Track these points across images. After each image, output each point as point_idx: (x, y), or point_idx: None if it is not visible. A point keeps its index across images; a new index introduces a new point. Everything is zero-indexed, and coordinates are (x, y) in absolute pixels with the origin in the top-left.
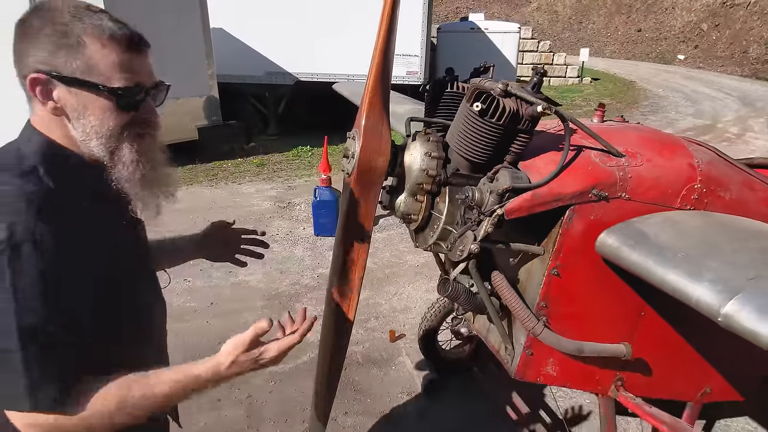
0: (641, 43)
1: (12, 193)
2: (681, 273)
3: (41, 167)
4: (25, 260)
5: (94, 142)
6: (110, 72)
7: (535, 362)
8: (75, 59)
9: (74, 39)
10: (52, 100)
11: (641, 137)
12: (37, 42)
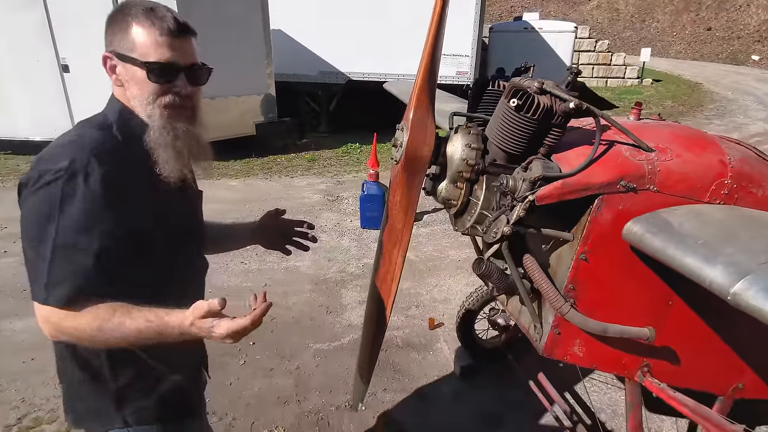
0: (711, 42)
1: (82, 138)
2: (698, 257)
3: (115, 125)
4: (75, 187)
5: (138, 108)
6: (146, 49)
7: (562, 341)
8: (125, 40)
9: (126, 25)
10: (114, 73)
11: (673, 134)
12: (109, 29)
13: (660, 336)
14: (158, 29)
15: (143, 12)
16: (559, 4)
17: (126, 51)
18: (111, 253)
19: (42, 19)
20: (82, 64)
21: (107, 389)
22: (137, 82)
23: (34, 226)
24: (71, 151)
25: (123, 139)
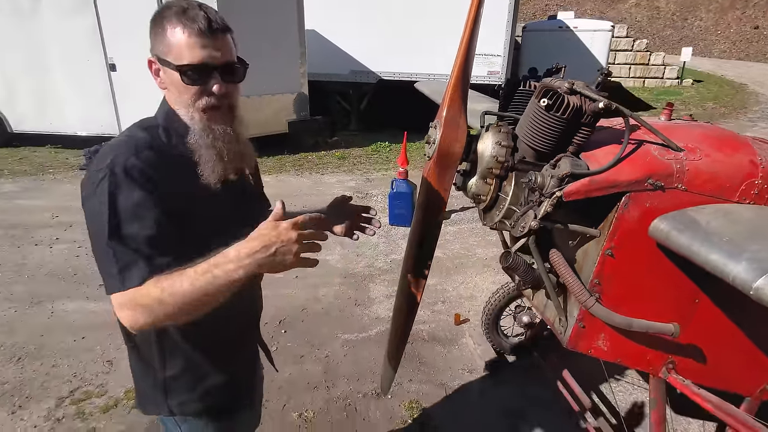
0: (758, 41)
1: (129, 138)
2: (722, 253)
3: (161, 126)
4: (118, 181)
5: (181, 111)
6: (179, 52)
7: (586, 335)
8: (162, 44)
9: (161, 28)
10: (158, 77)
11: (703, 134)
12: (151, 32)
13: (685, 333)
14: (189, 30)
15: (175, 13)
16: (595, 2)
17: (163, 54)
18: (162, 239)
19: (93, 24)
20: (128, 64)
21: (157, 378)
22: (175, 85)
23: (93, 224)
24: (116, 149)
25: (167, 140)
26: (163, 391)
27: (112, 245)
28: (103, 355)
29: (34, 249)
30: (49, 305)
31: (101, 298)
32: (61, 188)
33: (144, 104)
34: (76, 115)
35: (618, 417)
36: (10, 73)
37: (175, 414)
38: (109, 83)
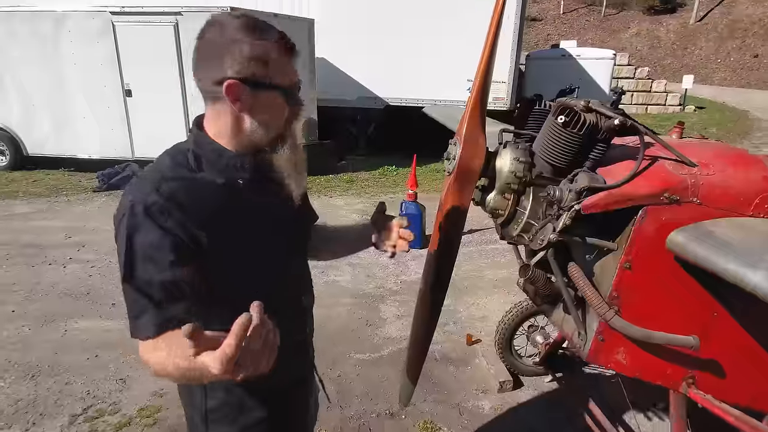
0: (758, 69)
1: (156, 166)
2: (740, 263)
3: (190, 153)
4: (137, 221)
5: (260, 133)
6: (283, 75)
7: (606, 348)
8: (261, 67)
9: (259, 51)
10: (239, 101)
11: (716, 151)
12: (231, 54)
13: (705, 347)
14: (285, 53)
15: (272, 35)
16: (596, 31)
17: (260, 77)
18: (183, 279)
19: (112, 51)
20: (142, 90)
21: (198, 408)
22: (272, 108)
23: (120, 262)
24: (139, 185)
25: (197, 165)
26: (204, 421)
27: (126, 288)
28: (116, 373)
29: (47, 268)
30: (63, 324)
31: (114, 317)
32: (74, 209)
33: (156, 129)
34: (91, 139)
35: None
36: (28, 97)
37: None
38: (125, 108)
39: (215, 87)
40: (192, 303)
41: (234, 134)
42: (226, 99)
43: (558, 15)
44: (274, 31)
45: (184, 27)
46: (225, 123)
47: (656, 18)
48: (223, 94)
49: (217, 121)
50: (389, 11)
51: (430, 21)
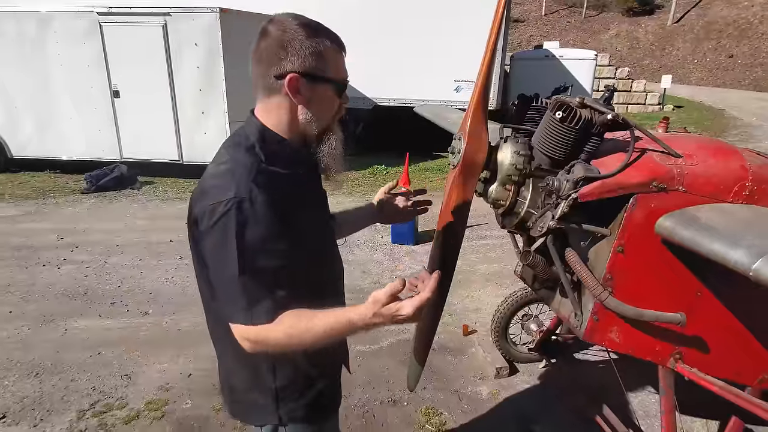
0: (733, 69)
1: (236, 164)
2: (723, 242)
3: (257, 144)
4: (245, 213)
5: (314, 125)
6: (336, 70)
7: (600, 327)
8: (321, 62)
9: (319, 48)
10: (299, 95)
11: (699, 144)
12: (292, 49)
13: (690, 325)
14: (339, 50)
15: (329, 34)
16: (577, 33)
17: (318, 71)
18: (287, 266)
19: (99, 51)
20: (130, 90)
21: (268, 389)
22: (325, 100)
23: (219, 256)
24: (231, 180)
25: (265, 158)
26: (274, 400)
27: (243, 280)
28: (120, 370)
29: (42, 269)
30: (62, 323)
31: (114, 316)
32: (63, 212)
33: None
34: (77, 140)
35: (631, 415)
36: (12, 99)
37: (284, 423)
38: (113, 109)
39: (276, 80)
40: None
41: (289, 125)
42: (287, 92)
43: (540, 16)
44: (328, 31)
45: (173, 27)
46: (281, 115)
47: (635, 19)
48: (284, 86)
49: (272, 113)
50: (378, 12)
51: (418, 22)
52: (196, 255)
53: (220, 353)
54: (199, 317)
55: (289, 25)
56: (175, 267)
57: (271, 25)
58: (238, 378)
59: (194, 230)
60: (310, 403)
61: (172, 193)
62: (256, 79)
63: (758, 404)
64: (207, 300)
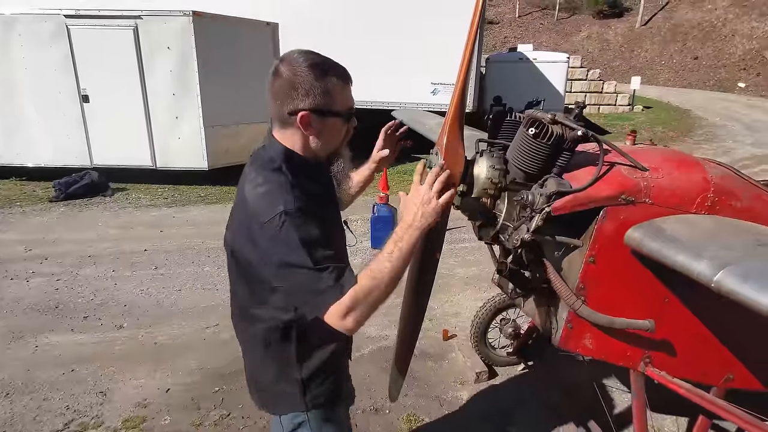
0: (698, 71)
1: (275, 184)
2: (687, 254)
3: (283, 165)
4: (299, 220)
5: (327, 149)
6: (343, 104)
7: (574, 335)
8: (328, 99)
9: (326, 87)
10: (310, 128)
11: (663, 156)
12: (302, 89)
13: (659, 330)
14: (345, 85)
15: (336, 71)
16: (550, 35)
17: (326, 107)
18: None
19: (66, 54)
20: (100, 95)
21: (296, 380)
22: (335, 130)
23: (291, 258)
24: (278, 196)
25: (291, 175)
26: (301, 390)
27: (320, 268)
28: (95, 387)
29: (9, 283)
30: (33, 339)
31: (88, 330)
32: (30, 221)
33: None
34: (45, 146)
35: (604, 415)
36: None
37: (309, 409)
38: (82, 114)
39: (289, 116)
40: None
41: (303, 150)
42: (299, 126)
43: (514, 18)
44: (335, 67)
45: (144, 30)
46: (295, 141)
47: (605, 22)
48: (297, 122)
49: (287, 140)
50: (352, 15)
51: (393, 25)
52: (246, 268)
53: (249, 352)
54: (176, 330)
55: (300, 68)
56: (151, 278)
57: (283, 65)
58: (268, 373)
59: (246, 247)
60: (329, 391)
61: (146, 200)
62: (272, 112)
63: (720, 405)
64: (243, 304)
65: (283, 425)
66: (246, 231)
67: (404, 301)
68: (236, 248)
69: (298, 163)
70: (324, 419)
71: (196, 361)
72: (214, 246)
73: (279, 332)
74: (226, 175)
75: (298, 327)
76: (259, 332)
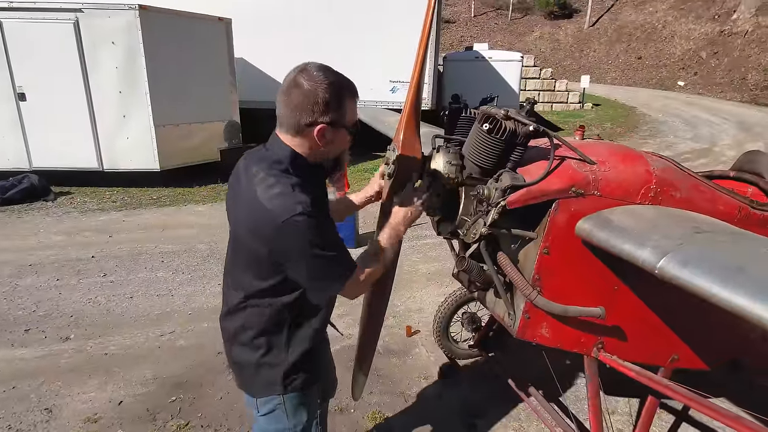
0: (642, 70)
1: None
2: (633, 243)
3: (290, 167)
4: (315, 215)
5: (331, 156)
6: (352, 118)
7: (531, 325)
8: (343, 114)
9: (343, 103)
10: (324, 138)
11: (609, 150)
12: (322, 104)
13: (609, 316)
14: (354, 99)
15: (350, 88)
16: (504, 34)
17: (340, 119)
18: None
19: None
20: (38, 92)
21: (282, 362)
22: (343, 141)
23: (313, 251)
24: (294, 197)
25: (296, 176)
26: (284, 373)
27: (336, 256)
28: (39, 404)
29: None
30: None
31: (30, 344)
32: None
33: (58, 135)
34: None
35: (563, 400)
36: None
37: (287, 391)
38: (18, 113)
39: (306, 127)
40: None
41: (309, 156)
42: (315, 137)
43: (470, 18)
44: (349, 84)
45: (86, 24)
46: (304, 147)
47: (556, 22)
48: (314, 135)
49: (297, 146)
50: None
51: (350, 22)
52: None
53: (238, 335)
54: (128, 339)
55: (321, 84)
56: (99, 286)
57: (303, 77)
58: (255, 355)
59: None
60: (308, 375)
61: (93, 204)
62: (284, 117)
63: (667, 385)
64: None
65: (258, 408)
66: (261, 229)
67: (365, 299)
68: (245, 241)
69: (301, 165)
70: (299, 404)
71: (150, 370)
72: (168, 250)
73: (274, 316)
74: (180, 177)
75: (292, 311)
76: (254, 316)
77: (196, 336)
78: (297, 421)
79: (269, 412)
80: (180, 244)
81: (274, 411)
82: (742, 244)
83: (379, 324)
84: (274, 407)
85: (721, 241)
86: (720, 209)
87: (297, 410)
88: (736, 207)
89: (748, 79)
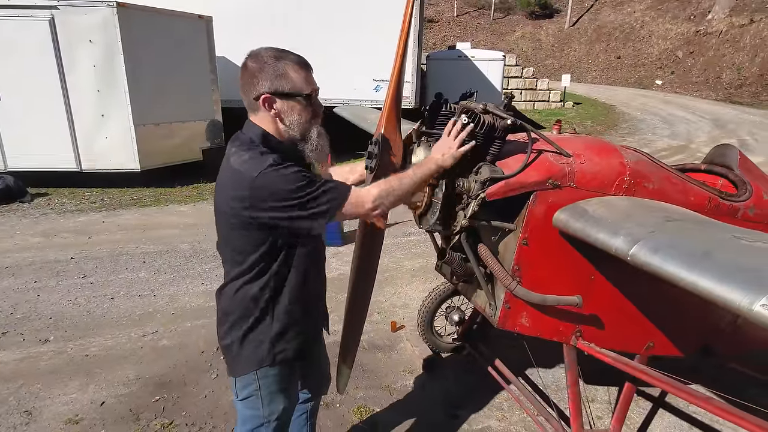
0: (620, 69)
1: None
2: (606, 232)
3: (261, 145)
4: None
5: (295, 130)
6: (302, 85)
7: (512, 315)
8: (285, 82)
9: (282, 71)
10: (273, 109)
11: (585, 143)
12: (262, 75)
13: (587, 305)
14: (302, 68)
15: (291, 58)
16: (487, 33)
17: (286, 89)
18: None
19: None
20: (13, 92)
21: (266, 333)
22: (295, 110)
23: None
24: (262, 156)
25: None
26: (270, 344)
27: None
28: (18, 406)
29: None
30: None
31: (8, 347)
32: None
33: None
34: None
35: (544, 390)
36: None
37: (276, 364)
38: None
39: (255, 101)
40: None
41: (276, 133)
42: (264, 108)
43: (453, 17)
44: (292, 55)
45: (62, 21)
46: (268, 126)
47: (537, 22)
48: (261, 105)
49: (262, 123)
50: (293, 9)
51: (334, 21)
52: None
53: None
54: (110, 340)
55: (260, 58)
56: (79, 287)
57: (249, 59)
58: (243, 328)
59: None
60: (296, 346)
61: (71, 205)
62: (245, 103)
63: (643, 370)
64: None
65: (237, 392)
66: (237, 189)
67: (349, 292)
68: (224, 209)
69: (273, 144)
70: (276, 391)
71: (133, 371)
72: (150, 251)
73: (259, 289)
74: (161, 177)
75: (276, 282)
76: (240, 291)
77: (179, 336)
78: (271, 411)
79: (247, 397)
80: (162, 245)
81: (251, 397)
82: (709, 232)
83: (363, 314)
84: (252, 392)
85: (690, 229)
86: (691, 200)
87: (273, 399)
88: (706, 198)
89: (722, 78)
